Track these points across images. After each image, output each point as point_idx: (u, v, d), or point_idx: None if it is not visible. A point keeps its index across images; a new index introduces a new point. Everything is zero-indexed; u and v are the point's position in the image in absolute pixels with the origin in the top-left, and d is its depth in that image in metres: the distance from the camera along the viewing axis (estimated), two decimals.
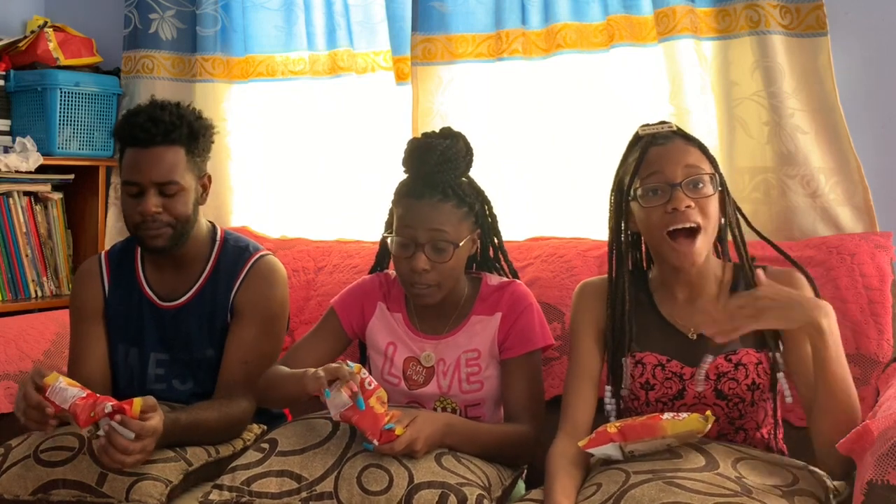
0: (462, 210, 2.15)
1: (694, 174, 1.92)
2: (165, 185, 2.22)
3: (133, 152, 2.23)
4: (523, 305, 2.19)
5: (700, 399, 1.97)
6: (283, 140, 3.19)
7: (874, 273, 2.33)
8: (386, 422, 1.90)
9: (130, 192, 2.24)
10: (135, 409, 1.91)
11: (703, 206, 1.91)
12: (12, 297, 3.14)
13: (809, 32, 2.47)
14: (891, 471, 1.61)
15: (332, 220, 3.09)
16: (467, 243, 2.17)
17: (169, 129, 2.21)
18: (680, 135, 2.00)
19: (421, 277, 2.11)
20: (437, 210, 2.11)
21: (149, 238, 2.25)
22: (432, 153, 2.14)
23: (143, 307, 2.36)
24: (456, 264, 2.15)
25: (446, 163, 2.14)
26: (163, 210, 2.22)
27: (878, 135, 2.53)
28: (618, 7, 2.69)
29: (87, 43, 3.36)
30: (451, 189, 2.14)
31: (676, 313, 2.01)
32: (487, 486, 1.94)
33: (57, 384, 1.95)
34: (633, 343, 2.00)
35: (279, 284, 2.37)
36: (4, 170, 3.05)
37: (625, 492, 1.71)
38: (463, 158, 2.18)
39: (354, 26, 3.06)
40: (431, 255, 2.11)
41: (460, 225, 2.14)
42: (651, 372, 1.99)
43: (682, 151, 1.95)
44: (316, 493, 1.89)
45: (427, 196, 2.12)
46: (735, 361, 1.96)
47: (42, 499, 2.00)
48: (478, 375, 2.19)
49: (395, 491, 1.87)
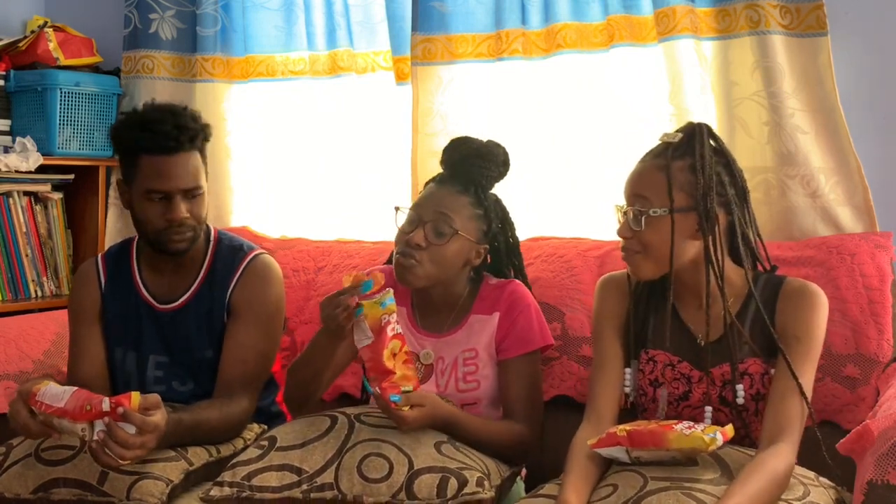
0: (477, 211, 2.18)
1: (635, 204, 1.96)
2: (192, 191, 2.23)
3: (155, 160, 2.21)
4: (522, 305, 2.20)
5: (706, 402, 1.98)
6: (283, 140, 3.19)
7: (874, 273, 2.33)
8: (399, 389, 1.93)
9: (154, 198, 2.23)
10: (133, 403, 1.87)
11: (639, 236, 1.95)
12: (12, 297, 3.14)
13: (809, 32, 2.47)
14: (891, 471, 1.62)
15: (332, 220, 3.09)
16: (469, 245, 2.17)
17: (193, 136, 2.23)
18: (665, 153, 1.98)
19: (413, 252, 2.13)
20: (452, 198, 2.18)
21: (174, 242, 2.25)
22: (468, 145, 2.23)
23: (140, 310, 2.36)
24: (450, 256, 2.15)
25: (478, 158, 2.20)
26: (190, 215, 2.24)
27: (879, 135, 2.53)
28: (618, 7, 2.69)
29: (87, 43, 3.35)
30: (473, 187, 2.18)
31: (692, 317, 2.02)
32: (487, 473, 1.95)
33: (47, 388, 1.92)
34: (648, 340, 2.03)
35: (275, 283, 2.37)
36: (4, 170, 3.05)
37: (641, 498, 1.71)
38: (497, 162, 2.23)
39: (354, 26, 3.06)
40: (430, 234, 2.13)
41: (469, 222, 2.17)
42: (661, 370, 2.01)
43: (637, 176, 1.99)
44: (316, 484, 1.91)
45: (448, 184, 2.20)
46: (741, 370, 1.96)
47: (43, 498, 2.00)
48: (475, 375, 2.19)
49: (396, 477, 1.88)
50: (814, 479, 1.88)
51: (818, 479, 1.90)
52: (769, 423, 1.86)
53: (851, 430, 1.79)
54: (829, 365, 2.29)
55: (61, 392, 1.91)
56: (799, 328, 1.93)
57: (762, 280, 2.01)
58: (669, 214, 1.93)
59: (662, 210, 1.93)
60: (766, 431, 1.86)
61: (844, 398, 2.28)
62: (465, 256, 2.19)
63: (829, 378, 2.29)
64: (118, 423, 1.86)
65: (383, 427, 1.99)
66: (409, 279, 2.16)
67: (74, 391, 1.91)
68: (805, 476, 1.87)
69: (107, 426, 1.87)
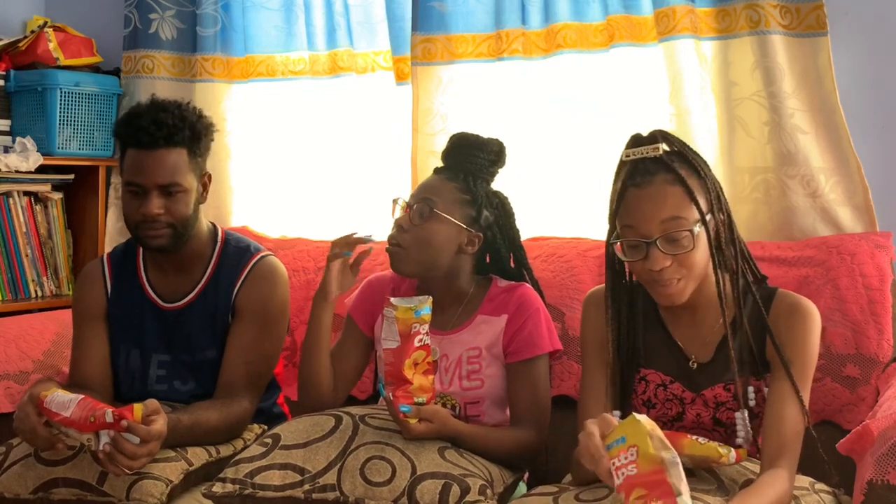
0: (463, 196, 2.18)
1: (672, 230, 1.79)
2: (168, 187, 2.22)
3: (135, 154, 2.23)
4: (531, 310, 2.18)
5: (699, 424, 1.92)
6: (283, 140, 3.19)
7: (874, 273, 2.33)
8: (412, 400, 1.94)
9: (132, 192, 2.24)
10: (136, 415, 1.90)
11: (683, 260, 1.80)
12: (12, 297, 3.14)
13: (809, 32, 2.47)
14: (891, 471, 1.62)
15: (332, 220, 3.09)
16: (457, 229, 2.16)
17: (172, 132, 2.21)
18: (664, 165, 1.83)
19: (397, 237, 2.16)
20: (440, 184, 2.19)
21: (149, 238, 2.25)
22: (461, 137, 2.24)
23: (145, 308, 2.36)
24: (435, 238, 2.14)
25: (469, 147, 2.21)
26: (164, 211, 2.22)
27: (878, 135, 2.53)
28: (618, 7, 2.69)
29: (87, 43, 3.36)
30: (463, 174, 2.18)
31: (682, 335, 1.95)
32: (490, 481, 1.95)
33: (54, 395, 1.94)
34: (640, 359, 1.95)
35: (280, 285, 2.37)
36: (4, 170, 3.05)
37: None
38: (487, 151, 2.22)
39: (354, 26, 3.06)
40: (414, 216, 2.15)
41: (453, 205, 2.16)
42: (654, 391, 1.95)
43: (660, 198, 1.81)
44: (319, 485, 1.90)
45: (439, 173, 2.22)
46: (734, 391, 1.89)
47: (43, 497, 2.00)
48: (479, 373, 2.19)
49: (398, 482, 1.88)
50: (809, 488, 1.86)
51: (814, 486, 1.88)
52: (769, 446, 1.79)
53: (851, 430, 1.79)
54: (829, 365, 2.29)
55: (67, 401, 1.92)
56: (793, 351, 1.84)
57: (753, 293, 1.90)
58: (703, 226, 1.81)
59: (698, 224, 1.80)
60: (766, 455, 1.79)
61: (844, 398, 2.28)
62: (454, 240, 2.17)
63: (829, 378, 2.29)
64: (123, 435, 1.89)
65: (388, 430, 1.99)
66: (398, 266, 2.17)
67: (80, 400, 1.92)
68: (800, 487, 1.84)
69: (112, 440, 1.89)
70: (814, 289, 2.33)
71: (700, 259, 1.82)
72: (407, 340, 1.95)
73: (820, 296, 2.32)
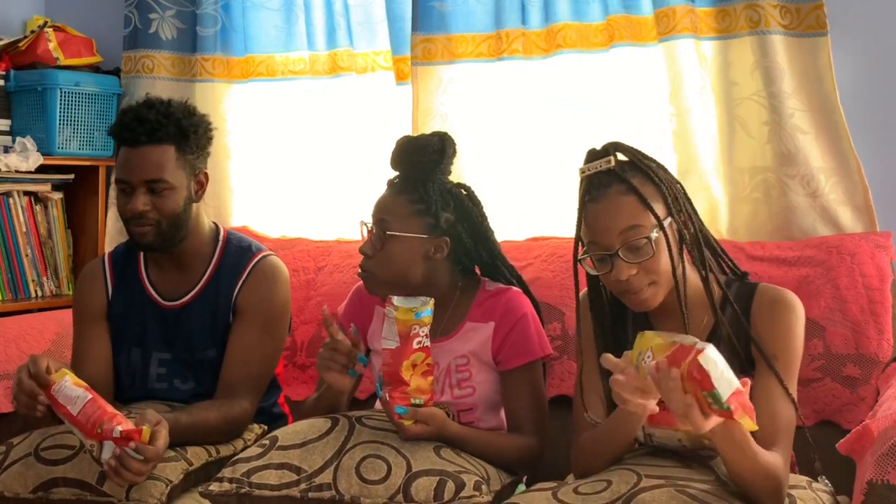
0: (417, 206, 2.12)
1: (631, 239, 1.81)
2: (154, 184, 2.23)
3: (124, 151, 2.26)
4: (517, 315, 2.14)
5: None
6: (283, 140, 3.19)
7: (874, 273, 2.33)
8: (409, 401, 1.94)
9: (122, 189, 2.26)
10: (144, 437, 1.92)
11: (648, 267, 1.81)
12: (12, 297, 3.14)
13: (809, 32, 2.48)
14: (891, 471, 1.62)
15: (332, 220, 3.09)
16: (417, 241, 2.11)
17: (154, 129, 2.22)
18: (616, 177, 1.84)
19: (364, 264, 2.13)
20: (391, 200, 2.14)
21: (136, 234, 2.27)
22: (400, 142, 2.19)
23: (145, 307, 2.36)
24: (398, 257, 2.11)
25: (409, 152, 2.15)
26: (151, 208, 2.23)
27: (878, 135, 2.53)
28: (618, 7, 2.69)
29: (87, 43, 3.35)
30: (411, 183, 2.13)
31: None
32: (486, 479, 1.95)
33: (63, 382, 1.95)
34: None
35: (281, 285, 2.37)
36: (4, 170, 3.05)
37: (634, 494, 1.70)
38: (429, 151, 2.14)
39: (354, 26, 3.06)
40: (375, 242, 2.12)
41: (409, 220, 2.11)
42: None
43: (614, 210, 1.82)
44: (315, 484, 1.91)
45: (390, 187, 2.17)
46: None
47: (42, 497, 2.01)
48: (469, 381, 2.16)
49: (393, 479, 1.89)
50: (806, 486, 1.86)
51: (811, 485, 1.88)
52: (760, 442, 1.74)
53: (851, 430, 1.79)
54: (829, 365, 2.29)
55: (75, 396, 1.94)
56: (777, 345, 1.84)
57: (734, 289, 1.91)
58: (661, 231, 1.81)
59: (655, 230, 1.82)
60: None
61: (844, 398, 2.28)
62: (418, 253, 2.12)
63: (829, 378, 2.29)
64: (129, 452, 1.91)
65: (384, 430, 1.99)
66: (372, 290, 2.16)
67: (88, 401, 1.94)
68: (796, 486, 1.84)
69: (118, 458, 1.91)
70: (814, 289, 2.33)
71: (665, 263, 1.83)
72: (406, 342, 1.95)
73: (820, 296, 2.32)
